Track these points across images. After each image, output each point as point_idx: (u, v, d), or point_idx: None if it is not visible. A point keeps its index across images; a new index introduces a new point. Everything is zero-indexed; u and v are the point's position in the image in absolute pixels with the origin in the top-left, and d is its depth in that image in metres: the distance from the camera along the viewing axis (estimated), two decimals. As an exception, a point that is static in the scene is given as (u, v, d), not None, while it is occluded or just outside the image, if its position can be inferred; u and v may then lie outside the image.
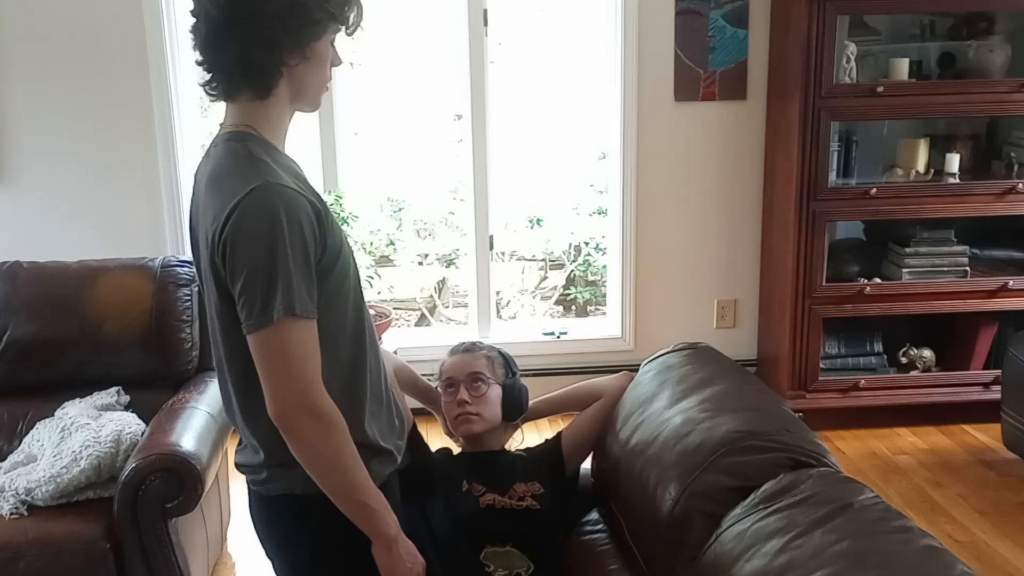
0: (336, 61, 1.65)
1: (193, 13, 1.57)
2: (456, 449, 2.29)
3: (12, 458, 2.69)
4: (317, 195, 1.59)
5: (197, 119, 4.16)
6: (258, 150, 1.56)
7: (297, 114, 1.68)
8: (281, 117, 1.63)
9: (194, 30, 1.57)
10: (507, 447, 2.26)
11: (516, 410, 2.22)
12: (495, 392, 2.20)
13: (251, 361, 1.53)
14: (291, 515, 1.68)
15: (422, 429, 2.23)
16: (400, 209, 5.21)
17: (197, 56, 1.58)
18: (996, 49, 3.79)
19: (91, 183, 3.87)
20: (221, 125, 1.64)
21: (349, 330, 1.63)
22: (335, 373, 1.57)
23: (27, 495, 2.48)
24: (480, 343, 2.30)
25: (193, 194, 1.69)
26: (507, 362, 2.27)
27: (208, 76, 1.58)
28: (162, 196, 3.89)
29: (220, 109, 1.65)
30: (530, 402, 2.29)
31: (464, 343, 2.30)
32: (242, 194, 1.48)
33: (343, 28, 1.61)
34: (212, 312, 1.62)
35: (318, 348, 1.53)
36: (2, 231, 3.83)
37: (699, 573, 1.62)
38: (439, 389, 2.28)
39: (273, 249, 1.46)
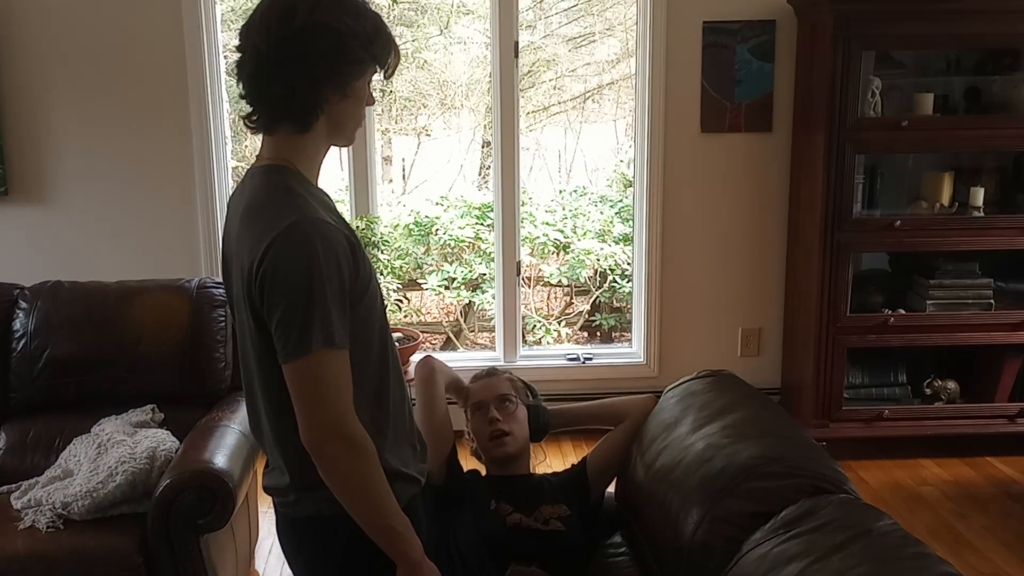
0: (370, 100, 1.70)
1: (239, 48, 1.61)
2: (483, 470, 2.34)
3: (49, 473, 2.76)
4: (349, 228, 1.64)
5: (233, 143, 4.25)
6: (294, 184, 1.60)
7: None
8: (317, 152, 1.68)
9: (239, 64, 1.61)
10: (533, 470, 2.32)
11: (541, 430, 2.31)
12: (522, 411, 2.30)
13: (284, 387, 1.56)
14: (318, 536, 1.71)
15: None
16: (427, 234, 5.28)
17: (240, 89, 1.62)
18: (1021, 84, 3.82)
19: (130, 205, 3.97)
20: (258, 157, 1.68)
21: (374, 359, 1.67)
22: (360, 402, 1.60)
23: (63, 509, 2.54)
24: (498, 368, 2.41)
25: (226, 222, 1.73)
26: (526, 385, 2.39)
27: (250, 109, 1.62)
28: (199, 218, 3.99)
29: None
30: (554, 408, 2.36)
31: (485, 369, 2.41)
32: (281, 227, 1.51)
33: (381, 71, 1.67)
34: (245, 339, 1.65)
35: (351, 377, 1.57)
36: (44, 251, 3.94)
37: (720, 596, 1.66)
38: (466, 414, 2.34)
39: (311, 281, 1.50)
